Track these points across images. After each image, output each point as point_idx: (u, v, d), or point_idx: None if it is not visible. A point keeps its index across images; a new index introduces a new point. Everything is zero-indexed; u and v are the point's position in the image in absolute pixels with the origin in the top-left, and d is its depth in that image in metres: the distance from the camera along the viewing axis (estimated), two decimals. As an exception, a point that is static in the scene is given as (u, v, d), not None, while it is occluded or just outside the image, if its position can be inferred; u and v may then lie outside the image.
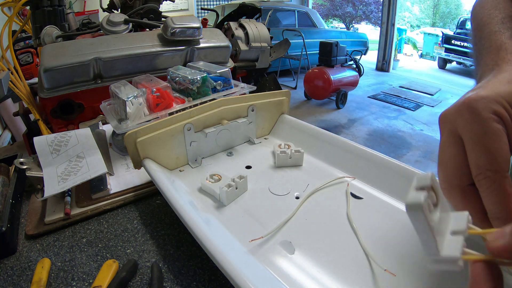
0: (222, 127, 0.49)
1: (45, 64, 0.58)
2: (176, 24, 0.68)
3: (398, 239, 0.33)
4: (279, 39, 1.63)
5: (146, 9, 0.81)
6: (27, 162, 0.49)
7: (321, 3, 10.57)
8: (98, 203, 0.46)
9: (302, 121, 0.54)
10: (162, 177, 0.40)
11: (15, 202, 0.45)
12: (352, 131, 2.95)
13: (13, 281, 0.35)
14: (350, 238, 0.34)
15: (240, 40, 0.92)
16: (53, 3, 0.79)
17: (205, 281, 0.35)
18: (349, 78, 3.53)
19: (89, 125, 0.60)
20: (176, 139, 0.45)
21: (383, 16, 5.15)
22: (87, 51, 0.62)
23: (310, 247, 0.33)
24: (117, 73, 0.66)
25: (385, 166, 0.41)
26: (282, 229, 0.35)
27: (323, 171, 0.46)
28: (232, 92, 0.56)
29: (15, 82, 0.72)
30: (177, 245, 0.40)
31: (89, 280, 0.35)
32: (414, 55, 7.63)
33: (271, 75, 1.04)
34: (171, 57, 0.70)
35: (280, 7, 4.50)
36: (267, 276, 0.29)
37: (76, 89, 0.62)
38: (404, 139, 2.78)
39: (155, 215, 0.45)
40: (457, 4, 9.20)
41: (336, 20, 10.75)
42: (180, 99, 0.52)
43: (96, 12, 3.74)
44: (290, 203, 0.39)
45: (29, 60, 1.45)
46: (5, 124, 1.78)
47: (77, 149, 0.49)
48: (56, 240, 0.41)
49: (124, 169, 0.55)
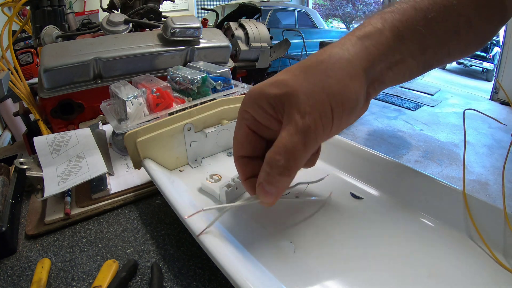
0: (222, 127, 0.49)
1: (45, 64, 0.58)
2: (176, 24, 0.68)
3: (398, 239, 0.33)
4: (279, 39, 1.64)
5: (146, 9, 0.81)
6: (27, 162, 0.49)
7: (321, 3, 10.57)
8: (98, 203, 0.46)
9: (302, 121, 0.54)
10: (162, 177, 0.40)
11: (15, 202, 0.45)
12: (352, 131, 2.95)
13: (13, 281, 0.35)
14: (350, 238, 0.34)
15: (240, 40, 0.92)
16: (53, 3, 0.79)
17: (205, 281, 0.35)
18: (349, 78, 3.52)
19: (89, 125, 0.60)
20: (176, 139, 0.45)
21: (383, 16, 5.14)
22: (87, 51, 0.62)
23: (310, 247, 0.33)
24: (117, 73, 0.66)
25: (385, 166, 0.41)
26: (282, 229, 0.35)
27: (323, 171, 0.46)
28: (232, 92, 0.56)
29: (15, 82, 0.72)
30: (177, 245, 0.40)
31: (89, 280, 0.35)
32: (414, 55, 7.61)
33: (271, 75, 1.04)
34: (171, 57, 0.70)
35: (280, 7, 4.49)
36: (267, 276, 0.29)
37: (76, 89, 0.62)
38: (404, 139, 2.78)
39: (155, 215, 0.45)
40: (457, 4, 9.19)
41: (336, 20, 10.74)
42: (180, 99, 0.52)
43: (96, 12, 3.74)
44: (290, 203, 0.39)
45: (29, 60, 1.46)
46: (5, 124, 1.78)
47: (77, 149, 0.49)
48: (56, 240, 0.41)
49: (124, 169, 0.55)
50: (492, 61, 5.09)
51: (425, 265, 0.30)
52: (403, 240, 0.33)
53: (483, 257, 0.30)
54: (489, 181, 2.09)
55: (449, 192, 0.35)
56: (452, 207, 0.35)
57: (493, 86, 4.01)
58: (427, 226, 0.35)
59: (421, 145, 2.65)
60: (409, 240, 0.33)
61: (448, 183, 0.36)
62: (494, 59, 4.99)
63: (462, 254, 0.31)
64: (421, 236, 0.34)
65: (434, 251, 0.32)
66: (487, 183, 2.09)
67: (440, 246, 0.32)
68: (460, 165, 2.30)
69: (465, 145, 0.33)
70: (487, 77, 5.20)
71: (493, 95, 3.98)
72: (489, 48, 5.11)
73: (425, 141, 2.73)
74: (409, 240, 0.33)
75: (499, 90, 3.84)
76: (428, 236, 0.34)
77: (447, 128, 3.01)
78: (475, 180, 2.11)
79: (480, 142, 2.67)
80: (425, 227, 0.35)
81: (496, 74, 3.94)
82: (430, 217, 0.36)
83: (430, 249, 0.32)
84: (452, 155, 2.47)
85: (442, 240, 0.33)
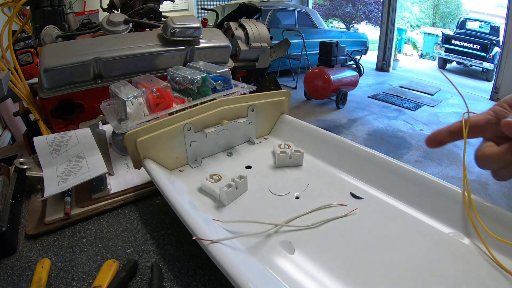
0: (222, 127, 0.49)
1: (45, 64, 0.58)
2: (176, 24, 0.68)
3: (398, 239, 0.33)
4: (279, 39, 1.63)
5: (146, 9, 0.81)
6: (27, 162, 0.49)
7: (321, 3, 10.57)
8: (98, 203, 0.46)
9: (302, 121, 0.54)
10: (162, 177, 0.40)
11: (15, 202, 0.45)
12: (352, 131, 2.95)
13: (13, 281, 0.35)
14: (350, 238, 0.34)
15: (240, 40, 0.92)
16: (53, 3, 0.79)
17: (205, 281, 0.35)
18: (349, 78, 3.53)
19: (89, 125, 0.60)
20: (176, 139, 0.45)
21: (383, 16, 5.15)
22: (87, 51, 0.62)
23: (310, 247, 0.33)
24: (117, 73, 0.66)
25: (385, 166, 0.41)
26: (282, 229, 0.35)
27: (323, 171, 0.46)
28: (232, 92, 0.56)
29: (15, 82, 0.72)
30: (177, 245, 0.40)
31: (89, 280, 0.35)
32: (414, 55, 7.63)
33: (271, 75, 1.04)
34: (171, 57, 0.70)
35: (280, 7, 4.49)
36: (267, 276, 0.29)
37: (76, 89, 0.62)
38: (404, 139, 2.78)
39: (155, 215, 0.45)
40: (457, 4, 9.20)
41: (336, 20, 10.74)
42: (180, 99, 0.52)
43: (96, 12, 3.74)
44: (290, 203, 0.39)
45: (29, 60, 1.46)
46: (5, 124, 1.78)
47: (77, 149, 0.49)
48: (56, 240, 0.41)
49: (124, 169, 0.55)
50: (492, 61, 5.09)
51: (425, 265, 0.30)
52: (403, 240, 0.33)
53: (482, 257, 0.31)
54: (489, 181, 2.09)
55: (449, 192, 0.35)
56: (451, 207, 0.35)
57: (493, 86, 4.01)
58: (427, 226, 0.35)
59: (421, 145, 2.65)
60: (409, 240, 0.33)
61: (448, 184, 0.36)
62: (494, 59, 4.98)
63: (461, 254, 0.31)
64: (421, 236, 0.34)
65: (434, 250, 0.32)
66: (487, 183, 2.09)
67: (440, 246, 0.32)
68: (460, 165, 2.29)
69: (465, 147, 0.33)
70: (487, 77, 5.19)
71: (493, 95, 3.98)
72: (489, 48, 5.11)
73: (425, 141, 2.73)
74: (409, 239, 0.33)
75: (499, 90, 3.84)
76: (428, 236, 0.34)
77: (447, 128, 3.01)
78: (475, 180, 2.11)
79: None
80: (425, 227, 0.35)
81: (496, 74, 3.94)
82: (430, 217, 0.36)
83: (430, 249, 0.32)
84: (452, 155, 2.47)
85: (442, 240, 0.33)
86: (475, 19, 5.95)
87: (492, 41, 5.17)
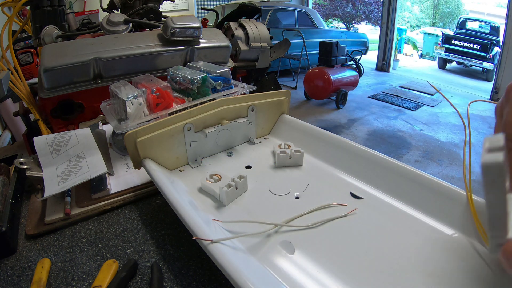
0: (222, 127, 0.49)
1: (45, 64, 0.58)
2: (176, 24, 0.68)
3: (398, 239, 0.33)
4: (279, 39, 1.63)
5: (146, 9, 0.81)
6: (27, 162, 0.49)
7: (321, 3, 10.56)
8: (98, 203, 0.46)
9: (302, 121, 0.54)
10: (162, 177, 0.40)
11: (15, 202, 0.45)
12: (352, 131, 2.94)
13: (13, 281, 0.35)
14: (350, 238, 0.34)
15: (240, 40, 0.92)
16: (53, 3, 0.79)
17: (205, 281, 0.35)
18: (349, 78, 3.53)
19: (89, 125, 0.60)
20: (176, 139, 0.45)
21: (383, 16, 5.14)
22: (87, 51, 0.62)
23: (310, 247, 0.33)
24: (117, 73, 0.66)
25: (385, 166, 0.41)
26: (282, 229, 0.35)
27: (323, 171, 0.46)
28: (232, 92, 0.56)
29: (15, 82, 0.72)
30: (177, 245, 0.40)
31: (89, 280, 0.35)
32: (414, 55, 7.62)
33: (271, 75, 1.04)
34: (171, 57, 0.70)
35: (280, 7, 4.49)
36: (267, 276, 0.29)
37: (76, 89, 0.62)
38: (404, 139, 2.78)
39: (155, 215, 0.45)
40: (457, 4, 9.20)
41: (336, 20, 10.73)
42: (180, 99, 0.52)
43: (96, 12, 3.73)
44: (290, 203, 0.39)
45: (29, 60, 1.45)
46: (5, 124, 1.77)
47: (77, 149, 0.49)
48: (56, 240, 0.41)
49: (124, 169, 0.55)
50: (492, 61, 5.09)
51: (425, 265, 0.30)
52: (403, 240, 0.33)
53: (482, 258, 0.30)
54: (489, 181, 2.10)
55: (449, 192, 0.35)
56: (452, 207, 0.35)
57: (493, 86, 4.01)
58: (427, 226, 0.35)
59: (421, 145, 2.65)
60: (409, 240, 0.33)
61: (448, 184, 0.36)
62: (494, 59, 4.98)
63: (461, 253, 0.31)
64: (421, 235, 0.34)
65: (434, 250, 0.32)
66: (487, 183, 2.09)
67: (440, 246, 0.32)
68: (460, 165, 2.29)
69: (466, 144, 0.33)
70: (487, 77, 5.19)
71: (493, 95, 3.98)
72: (489, 48, 5.11)
73: (425, 141, 2.73)
74: (409, 239, 0.33)
75: (499, 90, 3.84)
76: (428, 236, 0.34)
77: (447, 128, 3.01)
78: (475, 180, 2.10)
79: (480, 142, 2.66)
80: (425, 227, 0.35)
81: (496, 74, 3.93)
82: (430, 217, 0.36)
83: (430, 249, 0.32)
84: (452, 155, 2.47)
85: (442, 239, 0.33)
86: (475, 19, 5.95)
87: (492, 41, 5.16)
